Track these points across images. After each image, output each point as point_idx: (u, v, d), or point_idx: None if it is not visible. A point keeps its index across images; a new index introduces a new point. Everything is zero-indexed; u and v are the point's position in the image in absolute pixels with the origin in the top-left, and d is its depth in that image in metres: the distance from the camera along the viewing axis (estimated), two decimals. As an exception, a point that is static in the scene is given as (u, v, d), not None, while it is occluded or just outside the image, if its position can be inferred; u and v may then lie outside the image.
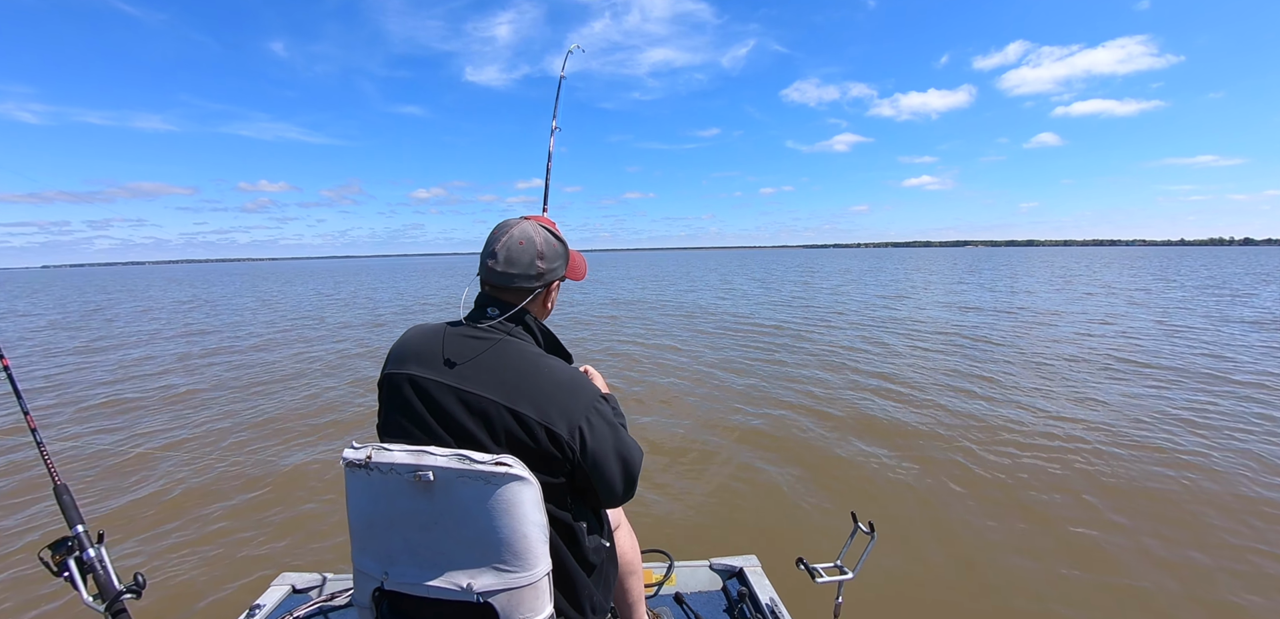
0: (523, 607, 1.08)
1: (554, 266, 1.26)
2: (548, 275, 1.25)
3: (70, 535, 1.44)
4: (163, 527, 4.04)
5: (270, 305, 22.46)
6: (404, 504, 1.08)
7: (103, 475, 5.01)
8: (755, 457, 5.11)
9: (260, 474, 4.95)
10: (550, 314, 1.35)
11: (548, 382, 1.13)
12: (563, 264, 1.30)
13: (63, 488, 1.51)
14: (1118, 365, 8.29)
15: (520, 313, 1.22)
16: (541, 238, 1.24)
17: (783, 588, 1.97)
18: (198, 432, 6.23)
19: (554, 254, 1.26)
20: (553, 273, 1.26)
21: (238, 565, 3.51)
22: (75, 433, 6.26)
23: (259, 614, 1.86)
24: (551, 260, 1.25)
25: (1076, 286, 23.28)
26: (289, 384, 8.45)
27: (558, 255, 1.28)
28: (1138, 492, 4.15)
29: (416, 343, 1.19)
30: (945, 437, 5.39)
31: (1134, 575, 3.20)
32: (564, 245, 1.31)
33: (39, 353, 11.84)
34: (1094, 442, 5.14)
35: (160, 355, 11.16)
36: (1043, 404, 6.43)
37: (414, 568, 1.10)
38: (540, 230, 1.26)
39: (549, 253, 1.25)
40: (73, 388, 8.47)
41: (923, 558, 3.47)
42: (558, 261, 1.28)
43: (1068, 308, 15.92)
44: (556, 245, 1.28)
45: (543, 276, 1.23)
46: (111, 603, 1.41)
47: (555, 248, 1.27)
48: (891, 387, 7.36)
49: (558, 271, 1.28)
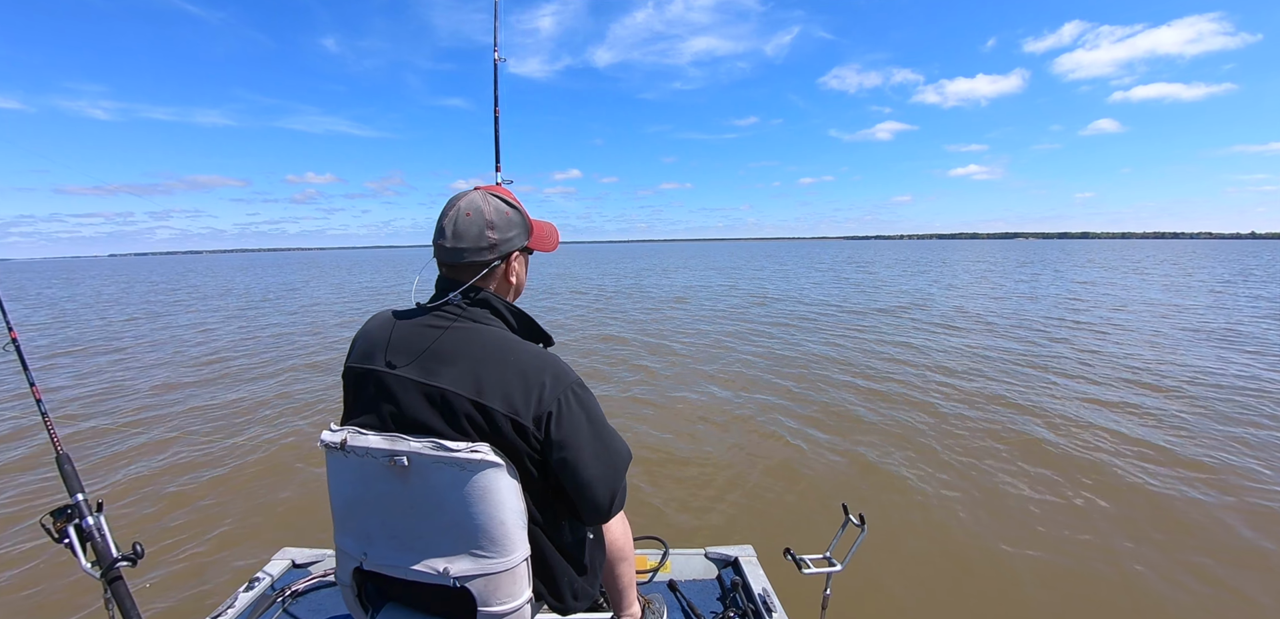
0: (500, 592, 1.07)
1: (509, 237, 1.15)
2: (502, 246, 1.14)
3: (71, 503, 1.46)
4: (176, 496, 4.18)
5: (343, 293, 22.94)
6: (381, 487, 1.07)
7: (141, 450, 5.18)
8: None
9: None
10: (520, 292, 1.25)
11: (513, 366, 1.05)
12: (520, 234, 1.18)
13: (65, 457, 1.54)
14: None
15: (481, 293, 1.13)
16: (491, 207, 1.14)
17: (778, 578, 1.96)
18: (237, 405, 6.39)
19: (507, 223, 1.15)
20: (508, 243, 1.15)
21: (241, 538, 3.61)
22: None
23: (259, 586, 1.90)
24: (505, 230, 1.14)
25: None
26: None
27: (512, 224, 1.16)
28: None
29: (376, 332, 1.13)
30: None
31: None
32: (520, 213, 1.19)
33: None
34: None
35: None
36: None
37: (392, 550, 1.10)
38: (490, 199, 1.15)
39: (500, 222, 1.14)
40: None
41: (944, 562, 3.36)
42: (513, 231, 1.16)
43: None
44: (509, 213, 1.16)
45: (496, 248, 1.13)
46: (108, 570, 1.43)
47: (507, 216, 1.15)
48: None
49: (514, 242, 1.17)
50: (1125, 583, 3.11)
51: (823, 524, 3.71)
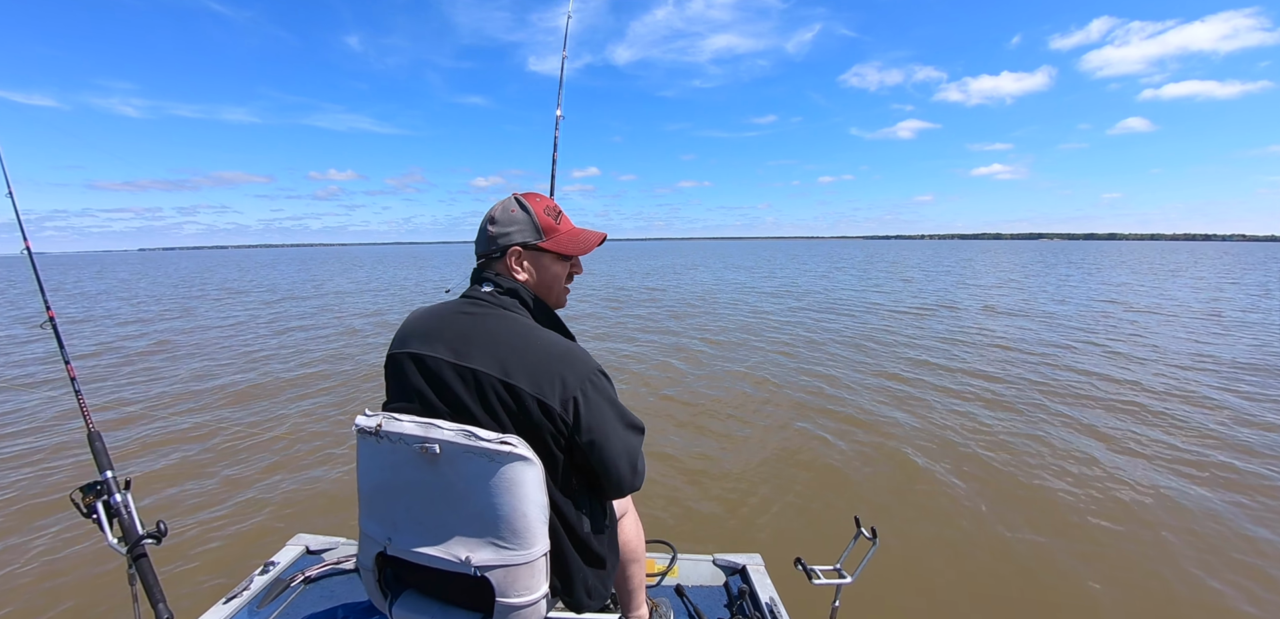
0: (518, 584, 1.10)
1: (508, 232, 1.25)
2: (501, 239, 1.24)
3: (100, 480, 1.49)
4: (200, 480, 4.28)
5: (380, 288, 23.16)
6: (410, 474, 1.11)
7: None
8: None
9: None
10: (546, 289, 1.30)
11: (540, 352, 1.13)
12: (521, 231, 1.26)
13: (96, 434, 1.57)
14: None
15: (513, 285, 1.23)
16: (500, 206, 1.27)
17: (786, 590, 1.96)
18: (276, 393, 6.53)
19: (509, 220, 1.25)
20: (506, 237, 1.24)
21: (258, 524, 3.66)
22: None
23: (273, 571, 1.92)
24: (505, 225, 1.25)
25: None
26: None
27: (514, 221, 1.25)
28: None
29: (417, 322, 1.22)
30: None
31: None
32: (529, 214, 1.27)
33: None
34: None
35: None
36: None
37: (416, 536, 1.13)
38: (509, 200, 1.28)
39: (503, 218, 1.25)
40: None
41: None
42: (513, 227, 1.25)
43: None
44: (514, 212, 1.26)
45: (495, 240, 1.24)
46: (133, 546, 1.46)
47: (511, 214, 1.26)
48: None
49: (512, 237, 1.25)
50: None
51: (835, 538, 3.60)
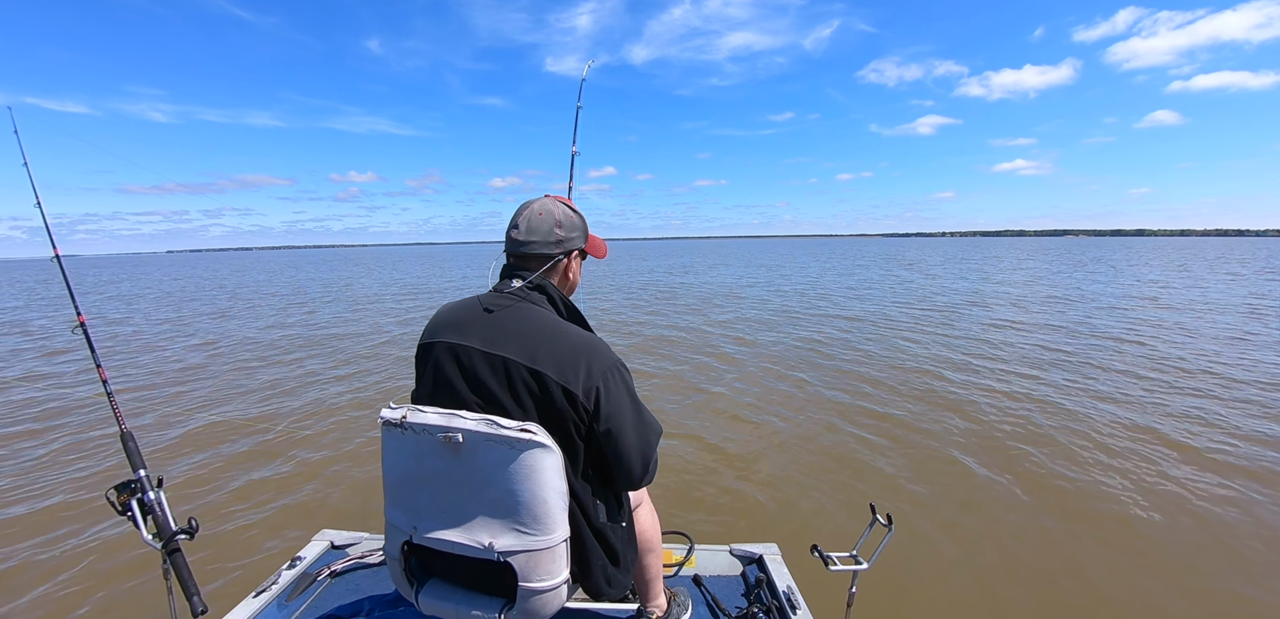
0: (540, 569, 1.14)
1: (572, 237, 1.34)
2: (567, 243, 1.33)
3: (133, 478, 1.53)
4: (230, 479, 4.36)
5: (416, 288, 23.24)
6: (433, 463, 1.14)
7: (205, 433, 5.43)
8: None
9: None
10: (573, 288, 1.41)
11: (566, 343, 1.18)
12: (581, 236, 1.38)
13: (128, 435, 1.61)
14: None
15: (542, 282, 1.28)
16: (561, 210, 1.34)
17: (803, 578, 1.96)
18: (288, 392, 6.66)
19: (572, 225, 1.35)
20: (571, 242, 1.34)
21: (285, 520, 3.74)
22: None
23: (299, 566, 1.97)
24: (569, 230, 1.34)
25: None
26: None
27: (575, 227, 1.36)
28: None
29: (449, 314, 1.28)
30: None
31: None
32: (582, 220, 1.39)
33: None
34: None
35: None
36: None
37: (441, 523, 1.16)
38: (559, 205, 1.35)
39: (567, 223, 1.33)
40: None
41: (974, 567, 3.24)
42: (576, 233, 1.36)
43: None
44: (574, 218, 1.36)
45: (562, 243, 1.32)
46: (168, 542, 1.49)
47: (573, 220, 1.36)
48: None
49: (576, 242, 1.36)
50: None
51: (851, 526, 3.61)
